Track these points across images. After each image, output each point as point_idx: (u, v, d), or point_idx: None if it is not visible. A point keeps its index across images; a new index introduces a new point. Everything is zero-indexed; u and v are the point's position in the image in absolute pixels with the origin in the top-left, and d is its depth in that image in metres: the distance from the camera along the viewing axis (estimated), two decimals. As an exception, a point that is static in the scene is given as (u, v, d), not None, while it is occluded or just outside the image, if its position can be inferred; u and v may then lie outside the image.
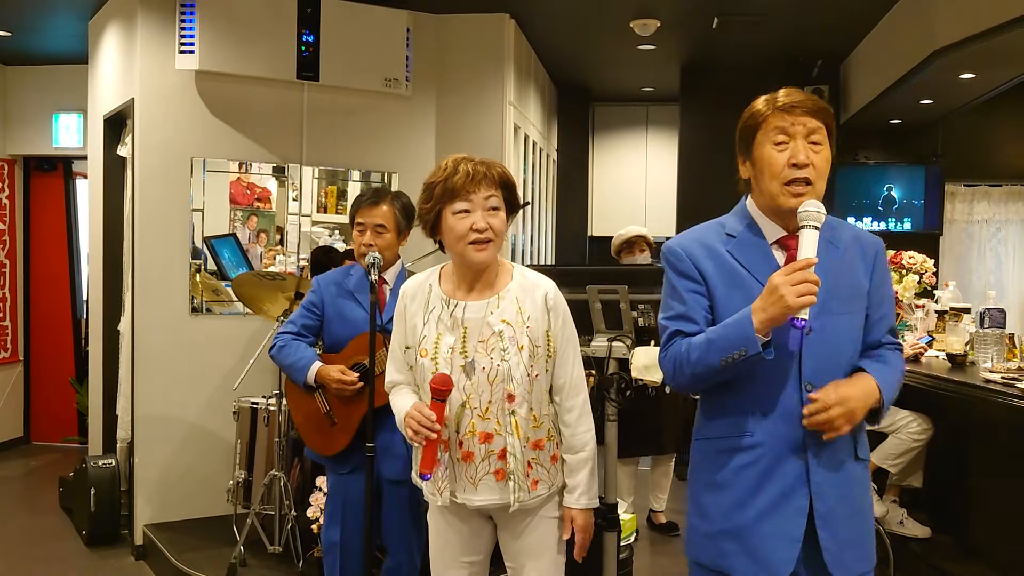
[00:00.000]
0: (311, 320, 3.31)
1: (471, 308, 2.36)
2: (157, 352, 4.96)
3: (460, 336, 2.35)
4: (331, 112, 5.33)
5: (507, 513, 2.39)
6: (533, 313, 2.36)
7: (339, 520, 3.24)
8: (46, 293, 7.76)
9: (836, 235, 2.06)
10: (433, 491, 2.39)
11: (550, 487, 2.41)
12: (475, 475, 2.34)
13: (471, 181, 2.31)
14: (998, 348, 4.30)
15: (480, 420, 2.32)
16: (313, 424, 3.28)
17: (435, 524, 2.50)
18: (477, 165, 2.34)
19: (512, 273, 2.43)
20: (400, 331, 2.46)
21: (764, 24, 6.16)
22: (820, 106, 2.02)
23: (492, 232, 2.31)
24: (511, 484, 2.33)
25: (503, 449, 2.33)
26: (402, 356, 2.46)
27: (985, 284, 7.90)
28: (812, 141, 2.00)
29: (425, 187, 2.40)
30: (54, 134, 7.26)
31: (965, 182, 8.12)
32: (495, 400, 2.32)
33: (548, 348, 2.37)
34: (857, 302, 2.04)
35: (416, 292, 2.45)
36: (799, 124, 1.99)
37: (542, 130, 7.49)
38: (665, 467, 5.40)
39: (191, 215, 5.02)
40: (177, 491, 5.01)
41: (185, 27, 4.79)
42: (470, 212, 2.31)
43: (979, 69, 5.50)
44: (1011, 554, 4.04)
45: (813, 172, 1.98)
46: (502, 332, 2.33)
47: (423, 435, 2.25)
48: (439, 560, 2.49)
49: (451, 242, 2.34)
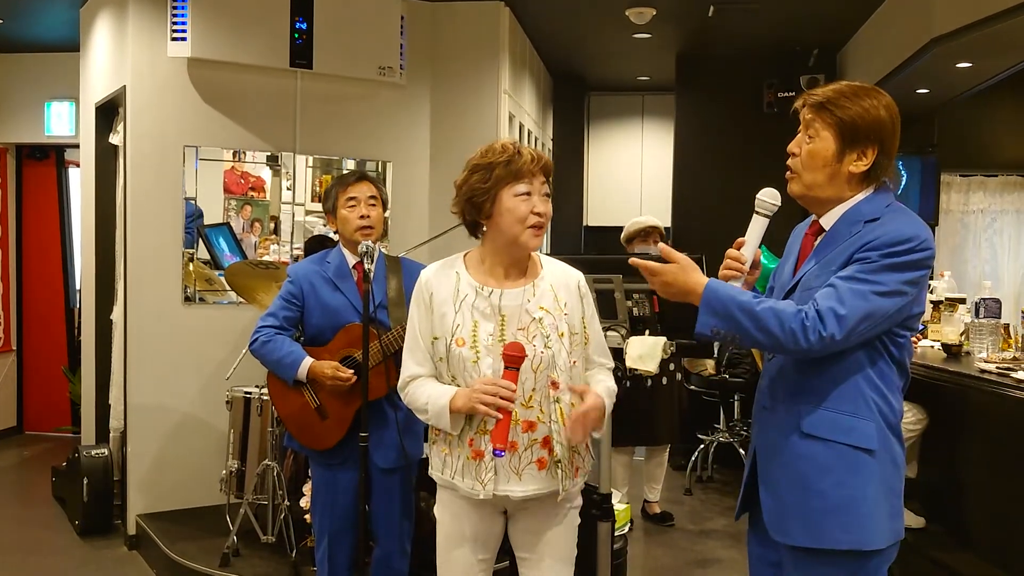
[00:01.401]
0: (292, 312, 3.25)
1: (508, 295, 2.35)
2: (150, 341, 4.93)
3: (498, 323, 2.32)
4: (325, 100, 5.30)
5: (529, 504, 2.37)
6: (569, 300, 2.39)
7: (329, 512, 3.22)
8: (39, 282, 7.73)
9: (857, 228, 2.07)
10: (474, 485, 2.32)
11: (585, 474, 2.45)
12: (519, 465, 2.31)
13: (534, 164, 2.32)
14: (993, 338, 4.30)
15: (523, 408, 2.30)
16: (303, 418, 3.24)
17: (450, 523, 2.43)
18: (534, 151, 2.35)
19: (540, 261, 2.44)
20: (425, 322, 2.39)
21: (760, 13, 6.13)
22: (816, 101, 2.11)
23: (546, 217, 2.34)
24: (560, 472, 2.31)
25: (546, 437, 2.31)
26: (427, 348, 2.39)
27: (980, 274, 7.90)
28: (808, 134, 2.11)
29: (477, 167, 2.34)
30: (46, 122, 7.21)
31: (961, 172, 8.09)
32: (539, 388, 2.31)
33: (584, 334, 2.40)
34: (824, 280, 2.06)
35: (441, 281, 2.39)
36: (804, 114, 2.14)
37: (537, 119, 7.46)
38: (660, 458, 5.40)
39: (184, 204, 4.99)
40: (170, 481, 4.99)
41: (177, 14, 4.75)
42: (531, 195, 2.31)
43: (976, 58, 5.48)
44: (1004, 544, 4.04)
45: (797, 162, 2.13)
46: (542, 319, 2.32)
47: (500, 406, 2.20)
48: (455, 558, 2.42)
49: (508, 224, 2.31)
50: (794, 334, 1.97)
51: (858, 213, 2.09)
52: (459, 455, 2.35)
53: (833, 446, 2.06)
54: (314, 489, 3.31)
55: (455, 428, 2.32)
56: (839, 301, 1.96)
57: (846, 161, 2.08)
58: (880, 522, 2.07)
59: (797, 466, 2.10)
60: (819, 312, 1.96)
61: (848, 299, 1.96)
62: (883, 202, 2.09)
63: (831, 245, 2.10)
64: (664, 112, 8.60)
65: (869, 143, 2.06)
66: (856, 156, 2.07)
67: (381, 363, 3.08)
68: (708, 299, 2.04)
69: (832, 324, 1.95)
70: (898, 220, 2.05)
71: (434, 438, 2.45)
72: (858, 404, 2.06)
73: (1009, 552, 3.98)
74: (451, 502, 2.42)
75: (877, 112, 2.06)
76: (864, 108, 2.06)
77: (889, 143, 2.09)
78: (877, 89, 2.12)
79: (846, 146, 2.07)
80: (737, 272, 2.17)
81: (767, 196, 2.18)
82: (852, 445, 2.05)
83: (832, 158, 2.08)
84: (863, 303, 1.96)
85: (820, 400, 2.07)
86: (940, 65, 5.59)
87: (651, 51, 7.36)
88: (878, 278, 1.97)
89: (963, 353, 4.39)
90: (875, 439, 2.06)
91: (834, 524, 2.05)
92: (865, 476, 2.05)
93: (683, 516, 5.58)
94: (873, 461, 2.06)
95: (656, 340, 2.82)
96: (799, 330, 1.96)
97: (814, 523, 2.07)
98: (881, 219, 2.05)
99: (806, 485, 2.08)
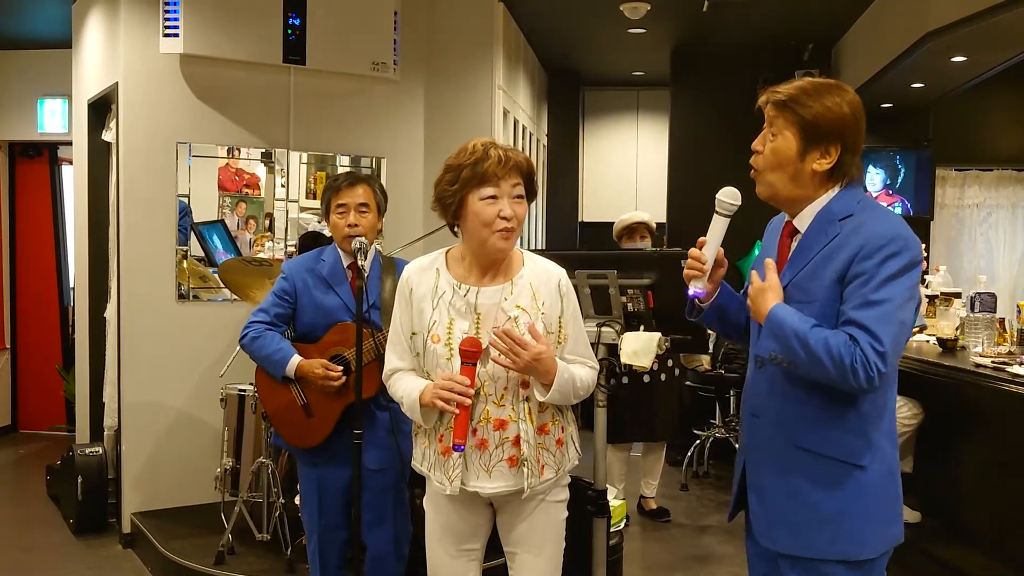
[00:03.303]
0: (284, 308, 3.23)
1: (485, 294, 2.34)
2: (143, 339, 4.91)
3: (473, 322, 2.32)
4: (318, 96, 5.28)
5: (511, 499, 2.38)
6: (547, 299, 2.36)
7: (318, 510, 3.21)
8: (32, 280, 7.70)
9: (833, 227, 2.04)
10: (443, 480, 2.34)
11: (556, 471, 2.41)
12: (489, 462, 2.32)
13: (502, 167, 2.27)
14: (988, 332, 4.30)
15: (495, 407, 2.31)
16: (288, 416, 3.23)
17: (433, 513, 2.46)
18: (507, 151, 2.30)
19: (522, 259, 2.41)
20: (405, 317, 2.40)
21: (755, 7, 6.13)
22: (779, 99, 2.08)
23: (516, 220, 2.29)
24: (525, 470, 2.31)
25: (517, 436, 2.31)
26: (406, 342, 2.41)
27: (975, 269, 7.90)
28: (770, 132, 2.10)
29: (449, 168, 2.32)
30: (39, 119, 7.18)
31: (956, 166, 8.10)
32: (510, 387, 2.31)
33: (560, 334, 2.38)
34: (817, 293, 2.03)
35: (422, 277, 2.40)
36: (767, 113, 2.11)
37: (532, 115, 7.44)
38: (657, 453, 5.40)
39: (177, 200, 4.97)
40: (164, 479, 4.97)
41: (169, 10, 4.72)
42: (497, 199, 2.27)
43: (970, 52, 5.48)
44: (1000, 538, 4.04)
45: (759, 161, 2.12)
46: (517, 318, 2.31)
47: (457, 401, 2.21)
48: (439, 550, 2.45)
49: (475, 228, 2.29)
50: (844, 372, 1.92)
51: (830, 213, 2.06)
52: (434, 449, 2.39)
53: (824, 460, 2.04)
54: (302, 488, 3.30)
55: (428, 422, 2.35)
56: (873, 338, 1.91)
57: (808, 159, 2.04)
58: (873, 532, 2.04)
59: (787, 477, 2.08)
60: (864, 354, 1.91)
61: (878, 330, 1.91)
62: (853, 198, 2.06)
63: (810, 248, 2.07)
64: (659, 107, 8.59)
65: (831, 141, 2.03)
66: (819, 155, 2.04)
67: (372, 362, 3.05)
68: (770, 322, 2.03)
69: (878, 362, 1.91)
70: (875, 219, 2.01)
71: (415, 431, 2.48)
72: (851, 418, 2.02)
73: (1005, 545, 3.98)
74: (432, 494, 2.45)
75: (840, 109, 2.03)
76: (826, 106, 2.02)
77: (852, 140, 2.05)
78: (841, 85, 2.09)
79: (809, 145, 2.04)
80: (698, 272, 2.18)
81: (727, 196, 2.18)
82: (843, 460, 2.03)
83: (794, 157, 2.05)
84: (892, 327, 1.92)
85: (813, 412, 2.05)
86: (935, 59, 5.60)
87: (646, 46, 7.36)
88: (887, 294, 1.93)
89: (959, 348, 4.39)
90: (866, 454, 2.02)
91: (822, 535, 2.03)
92: (856, 490, 2.03)
93: (679, 512, 5.58)
94: (865, 474, 2.03)
95: (651, 335, 2.80)
96: (849, 371, 1.92)
97: (802, 533, 2.06)
98: (855, 215, 2.02)
99: (796, 496, 2.07)
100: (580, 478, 2.93)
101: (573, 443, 2.49)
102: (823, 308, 2.01)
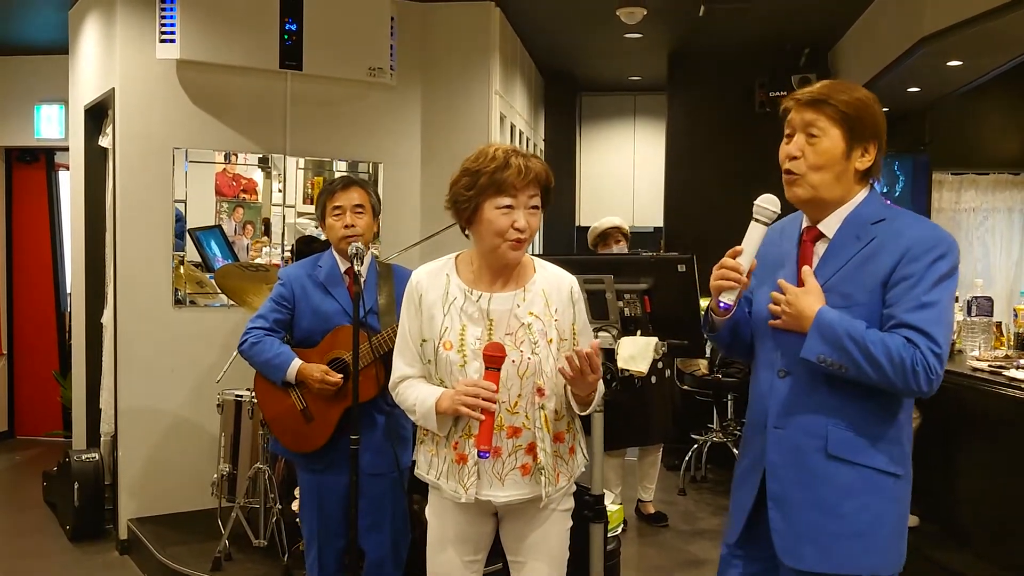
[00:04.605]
0: (282, 314, 3.23)
1: (497, 300, 2.31)
2: (140, 345, 4.91)
3: (486, 328, 2.29)
4: (315, 102, 5.28)
5: (521, 508, 2.36)
6: (560, 306, 2.34)
7: (317, 516, 3.20)
8: (29, 286, 7.69)
9: (866, 231, 2.04)
10: (457, 488, 2.30)
11: (569, 478, 2.40)
12: (502, 470, 2.29)
13: (521, 179, 2.24)
14: (985, 336, 4.31)
15: (508, 414, 2.28)
16: (287, 421, 3.23)
17: (438, 523, 2.42)
18: (528, 161, 2.27)
19: (533, 265, 2.39)
20: (414, 323, 2.36)
21: (751, 12, 6.13)
22: (812, 97, 2.04)
23: (530, 232, 2.27)
24: (543, 479, 2.29)
25: (531, 444, 2.29)
26: (416, 349, 2.36)
27: (972, 273, 7.89)
28: (809, 133, 2.05)
29: (466, 171, 2.29)
30: (36, 125, 7.17)
31: (952, 170, 8.10)
32: (524, 394, 2.28)
33: (573, 341, 2.36)
34: (859, 296, 2.01)
35: (432, 283, 2.36)
36: (798, 116, 2.07)
37: (529, 120, 7.44)
38: (653, 457, 5.39)
39: (174, 206, 4.97)
40: (161, 485, 4.96)
41: (165, 15, 4.73)
42: (513, 209, 2.25)
43: (966, 56, 5.49)
44: (998, 541, 4.04)
45: (800, 165, 2.05)
46: (531, 325, 2.29)
47: (481, 407, 2.16)
48: (444, 560, 2.41)
49: (487, 235, 2.27)
50: (905, 375, 1.91)
51: (860, 216, 2.05)
52: (444, 457, 2.34)
53: (860, 469, 2.00)
54: (301, 494, 3.30)
55: (442, 430, 2.31)
56: (931, 340, 1.91)
57: (852, 158, 2.04)
58: (898, 545, 2.04)
59: (817, 488, 2.02)
60: (925, 357, 1.91)
61: (934, 332, 1.92)
62: (879, 202, 2.07)
63: (842, 251, 2.05)
64: (656, 112, 8.60)
65: (870, 138, 2.03)
66: (861, 152, 2.04)
67: (370, 365, 3.05)
68: (819, 324, 1.97)
69: (937, 365, 1.92)
70: (915, 222, 2.03)
71: (422, 438, 2.43)
72: (887, 425, 2.01)
73: (1003, 549, 3.98)
74: (438, 503, 2.41)
75: (872, 106, 2.04)
76: (860, 100, 2.02)
77: (884, 137, 2.06)
78: (856, 84, 2.10)
79: (853, 142, 2.03)
80: (734, 283, 2.05)
81: (766, 203, 2.08)
82: (880, 469, 2.00)
83: (842, 155, 2.03)
84: (945, 329, 1.95)
85: (847, 421, 2.01)
86: (930, 64, 5.61)
87: (642, 51, 7.36)
88: (938, 295, 1.94)
89: (956, 351, 4.39)
90: (902, 462, 2.02)
91: (854, 548, 1.99)
92: (892, 500, 2.01)
93: (677, 516, 5.57)
94: (896, 485, 2.01)
95: (648, 340, 2.80)
96: (911, 374, 1.91)
97: (831, 547, 2.00)
98: (887, 219, 2.02)
99: (826, 508, 2.01)
100: (577, 483, 2.92)
101: (581, 450, 2.48)
102: (868, 311, 1.99)
